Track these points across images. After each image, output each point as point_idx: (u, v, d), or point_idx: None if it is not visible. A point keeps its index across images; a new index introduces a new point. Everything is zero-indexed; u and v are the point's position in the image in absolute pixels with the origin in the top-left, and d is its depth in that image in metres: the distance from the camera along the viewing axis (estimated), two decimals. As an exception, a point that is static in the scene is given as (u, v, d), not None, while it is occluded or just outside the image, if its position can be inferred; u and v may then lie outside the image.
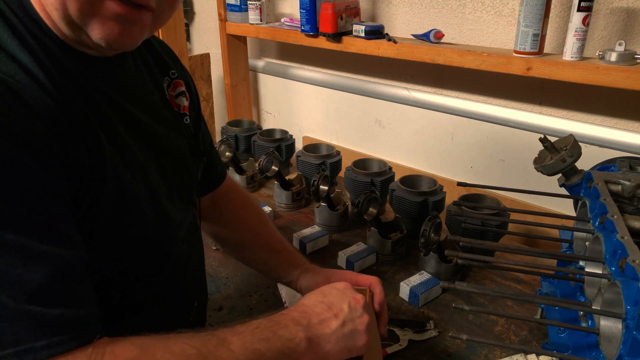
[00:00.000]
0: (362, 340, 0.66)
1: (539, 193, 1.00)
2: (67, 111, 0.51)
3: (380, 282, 0.80)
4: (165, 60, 0.74)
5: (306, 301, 0.68)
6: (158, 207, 0.65)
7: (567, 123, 1.26)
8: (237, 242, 0.96)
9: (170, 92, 0.74)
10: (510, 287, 1.10)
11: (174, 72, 0.75)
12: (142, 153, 0.64)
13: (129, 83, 0.64)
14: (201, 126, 0.85)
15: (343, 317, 0.65)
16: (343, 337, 0.65)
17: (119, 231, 0.59)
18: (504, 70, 1.18)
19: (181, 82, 0.76)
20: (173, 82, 0.75)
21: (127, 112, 0.62)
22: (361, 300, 0.69)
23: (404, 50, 1.35)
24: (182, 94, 0.76)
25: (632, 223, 0.76)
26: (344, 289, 0.70)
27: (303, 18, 1.52)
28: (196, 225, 0.82)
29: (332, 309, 0.66)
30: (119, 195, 0.57)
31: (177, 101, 0.75)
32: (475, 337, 0.73)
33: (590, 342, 0.75)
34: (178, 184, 0.72)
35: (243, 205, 0.97)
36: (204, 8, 2.24)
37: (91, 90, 0.56)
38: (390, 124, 1.68)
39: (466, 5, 1.36)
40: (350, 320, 0.66)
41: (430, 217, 1.03)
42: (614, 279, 0.67)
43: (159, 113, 0.69)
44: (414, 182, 1.33)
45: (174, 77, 0.75)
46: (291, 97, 2.00)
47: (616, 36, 1.13)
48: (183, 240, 0.74)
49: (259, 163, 1.38)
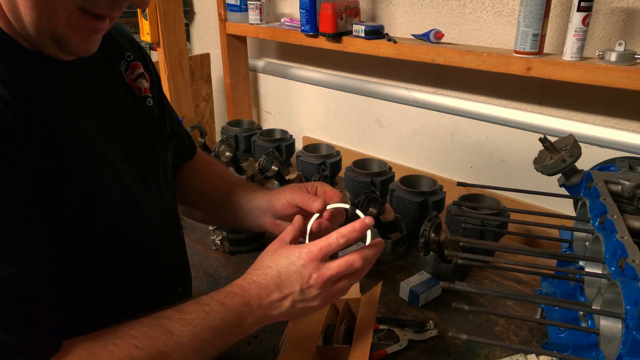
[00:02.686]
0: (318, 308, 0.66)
1: (539, 193, 1.00)
2: (22, 114, 0.50)
3: (327, 184, 0.81)
4: (119, 44, 0.73)
5: (259, 276, 0.65)
6: (129, 195, 0.65)
7: (567, 123, 1.26)
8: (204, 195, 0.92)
9: (129, 76, 0.73)
10: (510, 287, 1.10)
11: (130, 55, 0.74)
12: (109, 145, 0.63)
13: (86, 76, 0.64)
14: (164, 106, 0.84)
15: (293, 298, 0.64)
16: (292, 315, 0.66)
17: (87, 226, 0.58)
18: (504, 70, 1.18)
19: (139, 64, 0.75)
20: (131, 65, 0.74)
21: (88, 105, 0.62)
22: (320, 280, 0.64)
23: (404, 50, 1.35)
24: (142, 76, 0.75)
25: (632, 223, 0.76)
26: (303, 265, 0.65)
27: (303, 18, 1.52)
28: (174, 208, 0.82)
29: (281, 289, 0.64)
30: (86, 192, 0.57)
31: (137, 84, 0.74)
32: (475, 337, 0.73)
33: (590, 342, 0.74)
34: (150, 169, 0.72)
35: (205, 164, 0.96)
36: (204, 8, 2.24)
37: (46, 88, 0.55)
38: (390, 124, 1.68)
39: (466, 5, 1.36)
40: (301, 301, 0.65)
41: (430, 217, 1.03)
42: (613, 279, 0.67)
43: (121, 100, 0.69)
44: (414, 182, 1.33)
45: (130, 59, 0.74)
46: (291, 97, 2.00)
47: (616, 36, 1.13)
48: (158, 226, 0.73)
49: (259, 163, 1.38)
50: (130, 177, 0.66)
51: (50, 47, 0.55)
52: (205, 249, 1.23)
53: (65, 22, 0.52)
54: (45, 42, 0.54)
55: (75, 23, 0.53)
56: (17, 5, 0.50)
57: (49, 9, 0.50)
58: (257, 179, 1.61)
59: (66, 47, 0.55)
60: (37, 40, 0.53)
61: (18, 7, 0.50)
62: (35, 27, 0.51)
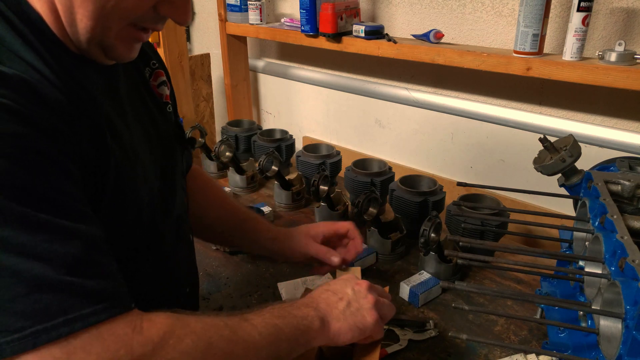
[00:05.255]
0: (370, 317, 0.73)
1: (539, 193, 1.00)
2: (74, 107, 0.53)
3: (355, 226, 0.98)
4: (145, 51, 0.77)
5: (312, 293, 0.76)
6: (154, 197, 0.69)
7: (567, 123, 1.26)
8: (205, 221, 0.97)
9: (152, 82, 0.77)
10: (510, 287, 1.10)
11: (154, 63, 0.78)
12: (139, 146, 0.67)
13: (120, 79, 0.67)
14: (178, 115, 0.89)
15: (348, 298, 0.73)
16: (351, 315, 0.72)
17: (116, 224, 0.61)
18: (504, 71, 1.18)
19: (161, 72, 0.79)
20: (155, 72, 0.78)
21: (123, 106, 0.66)
22: (364, 284, 0.77)
23: (404, 50, 1.35)
24: (164, 83, 0.79)
25: (631, 223, 0.76)
26: (347, 279, 0.78)
27: (303, 18, 1.52)
28: (185, 210, 0.84)
29: (337, 293, 0.74)
30: (120, 190, 0.60)
31: (160, 90, 0.78)
32: (475, 337, 0.73)
33: (590, 342, 0.75)
34: (169, 172, 0.75)
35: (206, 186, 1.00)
36: (204, 8, 2.24)
37: (90, 87, 0.59)
38: (390, 124, 1.68)
39: (466, 6, 1.36)
40: (355, 301, 0.74)
41: (430, 217, 1.03)
42: (613, 279, 0.67)
43: (145, 104, 0.73)
44: (414, 182, 1.33)
45: (155, 67, 0.78)
46: (291, 97, 2.00)
47: (616, 36, 1.13)
48: (175, 229, 0.77)
49: (259, 163, 1.38)
50: (155, 179, 0.70)
51: (96, 53, 0.58)
52: (205, 248, 1.23)
53: (116, 34, 0.56)
54: (93, 48, 0.57)
55: (124, 34, 0.57)
56: (75, 13, 0.53)
57: (105, 21, 0.54)
58: (257, 179, 1.62)
59: (112, 54, 0.59)
60: (86, 46, 0.56)
61: (75, 15, 0.53)
62: (88, 35, 0.55)
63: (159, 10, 0.57)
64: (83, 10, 0.52)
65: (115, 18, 0.54)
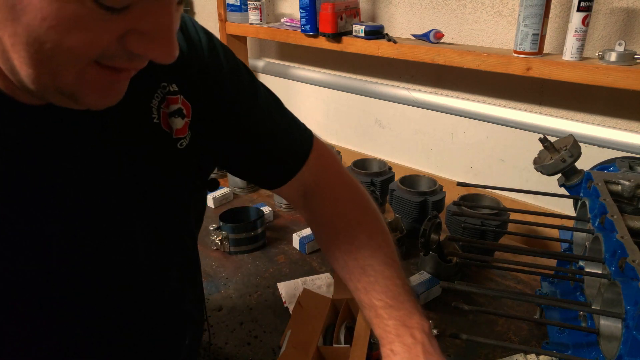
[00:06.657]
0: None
1: (539, 193, 1.00)
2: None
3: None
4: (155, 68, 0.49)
5: None
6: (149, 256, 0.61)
7: (567, 123, 1.26)
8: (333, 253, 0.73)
9: (164, 110, 0.58)
10: (510, 287, 1.10)
11: (166, 85, 0.58)
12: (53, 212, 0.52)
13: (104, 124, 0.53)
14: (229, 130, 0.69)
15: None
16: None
17: None
18: (504, 70, 1.18)
19: (176, 99, 0.59)
20: (167, 99, 0.58)
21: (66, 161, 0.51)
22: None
23: (404, 50, 1.35)
24: (178, 113, 0.60)
25: (631, 223, 0.76)
26: None
27: (303, 18, 1.52)
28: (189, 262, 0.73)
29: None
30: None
31: (171, 123, 0.59)
32: (475, 337, 0.73)
33: (590, 342, 0.75)
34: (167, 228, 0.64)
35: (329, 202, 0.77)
36: (204, 8, 2.24)
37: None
38: (390, 124, 1.68)
39: (466, 6, 1.36)
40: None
41: (430, 217, 1.03)
42: (613, 279, 0.67)
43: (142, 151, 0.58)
44: (414, 182, 1.33)
45: (167, 91, 0.58)
46: (291, 97, 2.00)
47: (616, 36, 1.13)
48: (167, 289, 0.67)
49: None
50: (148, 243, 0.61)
51: (60, 100, 0.44)
52: (205, 248, 1.23)
53: (76, 78, 0.41)
54: (53, 97, 0.43)
55: (90, 77, 0.42)
56: (11, 59, 0.39)
57: (49, 66, 0.39)
58: (257, 179, 1.61)
59: (80, 102, 0.44)
60: (41, 95, 0.43)
61: (12, 62, 0.39)
62: (35, 85, 0.41)
63: (127, 46, 0.41)
64: (17, 56, 0.39)
65: (62, 61, 0.39)
